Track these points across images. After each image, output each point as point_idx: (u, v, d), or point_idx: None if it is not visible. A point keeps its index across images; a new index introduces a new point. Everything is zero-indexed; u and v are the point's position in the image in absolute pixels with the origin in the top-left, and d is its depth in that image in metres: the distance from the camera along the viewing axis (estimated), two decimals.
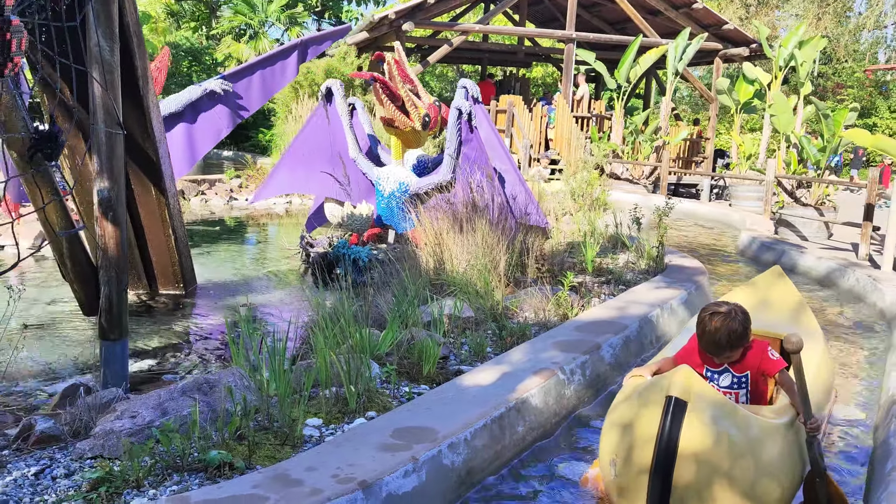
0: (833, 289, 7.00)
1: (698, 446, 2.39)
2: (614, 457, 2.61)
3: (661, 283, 5.84)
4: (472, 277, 4.84)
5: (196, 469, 2.54)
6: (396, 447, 2.67)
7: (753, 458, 2.46)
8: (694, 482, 2.38)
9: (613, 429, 2.68)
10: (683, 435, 2.37)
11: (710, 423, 2.41)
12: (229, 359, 4.81)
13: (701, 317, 2.84)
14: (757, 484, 2.45)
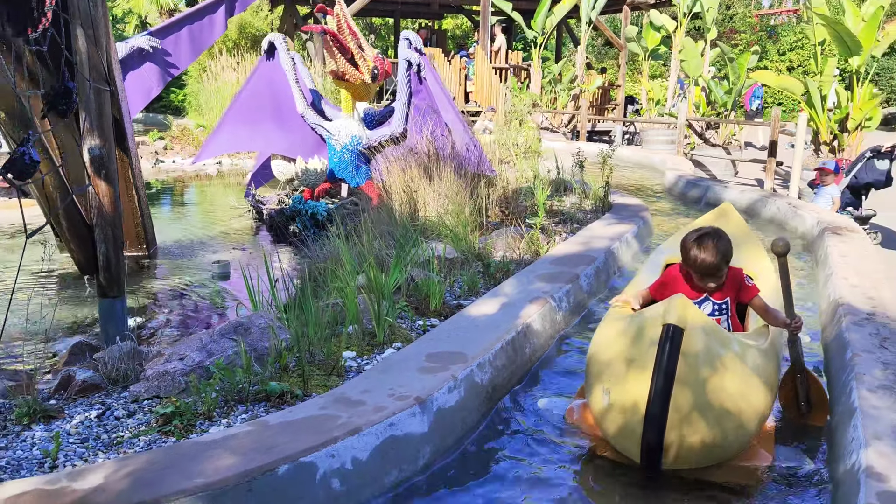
0: (756, 218, 7.66)
1: (694, 372, 2.42)
2: (607, 386, 2.62)
3: (612, 219, 6.28)
4: (448, 222, 5.10)
5: (258, 399, 2.74)
6: (434, 369, 2.94)
7: (743, 381, 2.53)
8: (690, 407, 2.42)
9: (604, 359, 2.70)
10: (681, 361, 2.39)
11: (705, 349, 2.45)
12: (210, 313, 4.93)
13: (687, 245, 2.90)
14: (744, 404, 2.52)
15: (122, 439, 2.51)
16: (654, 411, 2.40)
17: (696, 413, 2.42)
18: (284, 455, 2.23)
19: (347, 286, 3.43)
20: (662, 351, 2.39)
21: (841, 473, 2.52)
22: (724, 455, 2.58)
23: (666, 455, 2.47)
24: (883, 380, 2.92)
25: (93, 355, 3.59)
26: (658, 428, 2.41)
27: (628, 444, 2.56)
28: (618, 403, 2.55)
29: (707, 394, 2.43)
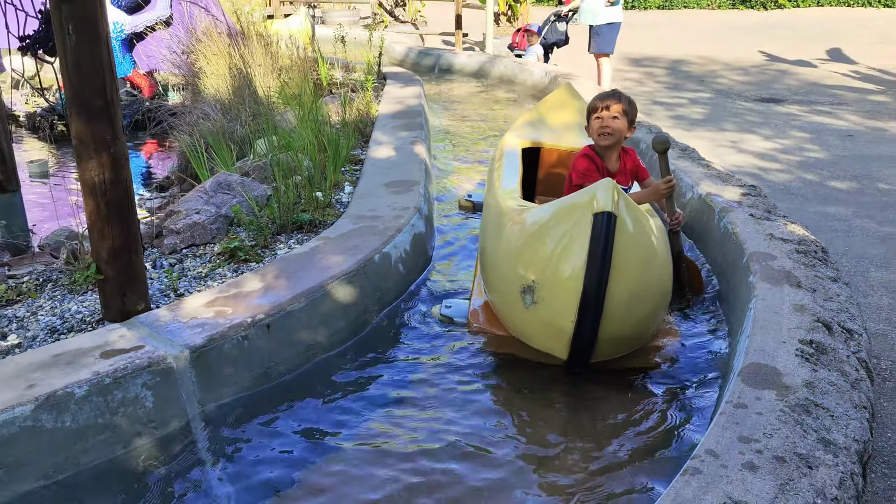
0: (488, 77, 9.19)
1: (628, 259, 2.31)
2: (530, 284, 2.44)
3: (398, 83, 7.24)
4: (286, 94, 5.59)
5: (293, 229, 3.32)
6: (400, 191, 3.74)
7: (662, 261, 2.51)
8: (625, 297, 2.31)
9: (518, 255, 2.53)
10: (616, 249, 2.26)
11: (636, 234, 2.36)
12: None
13: (594, 105, 2.97)
14: (665, 284, 2.53)
15: (207, 273, 2.96)
16: (590, 305, 2.28)
17: (630, 302, 2.34)
18: (370, 251, 2.97)
19: (289, 147, 3.96)
20: (596, 241, 2.24)
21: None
22: (647, 339, 2.59)
23: (598, 348, 2.40)
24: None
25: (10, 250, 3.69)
26: (593, 323, 2.31)
27: (555, 343, 2.45)
28: (546, 301, 2.39)
29: (639, 280, 2.35)
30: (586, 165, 2.99)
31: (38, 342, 2.41)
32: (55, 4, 2.08)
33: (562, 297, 2.35)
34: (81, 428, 1.98)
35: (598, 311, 2.30)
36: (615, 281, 2.28)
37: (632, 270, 2.33)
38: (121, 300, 2.39)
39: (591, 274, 2.26)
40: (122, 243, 2.34)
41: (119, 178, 2.27)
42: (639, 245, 2.38)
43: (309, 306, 2.56)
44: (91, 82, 2.15)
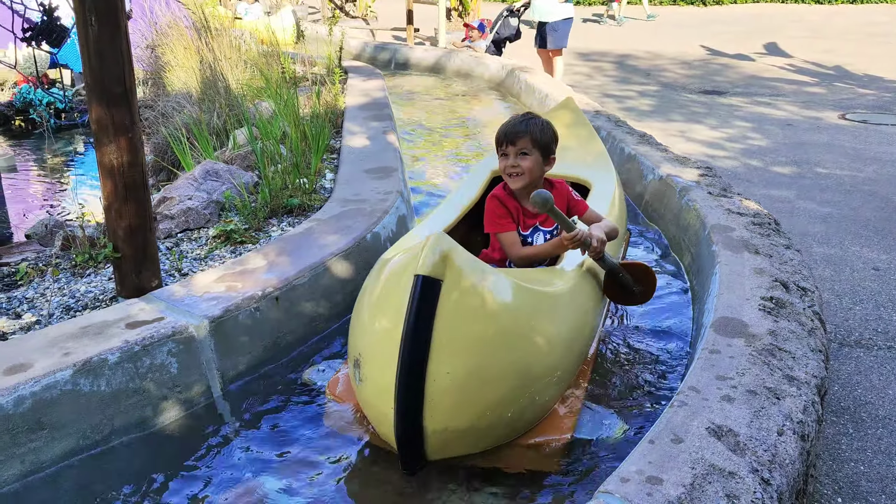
0: (444, 72, 9.40)
1: (459, 335, 1.84)
2: (358, 355, 2.03)
3: (360, 77, 7.40)
4: (256, 86, 5.70)
5: (283, 213, 3.47)
6: (381, 177, 3.93)
7: (533, 338, 2.03)
8: (456, 381, 1.84)
9: (358, 319, 2.10)
10: (438, 323, 1.80)
11: (474, 305, 1.87)
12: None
13: (498, 138, 2.53)
14: (537, 368, 2.03)
15: (206, 255, 3.10)
16: (403, 389, 1.82)
17: (464, 388, 1.86)
18: (362, 230, 3.15)
19: (268, 136, 4.11)
20: (410, 311, 1.80)
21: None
22: (510, 434, 2.06)
23: (428, 443, 1.90)
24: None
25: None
26: (409, 410, 1.84)
27: (383, 430, 1.97)
28: (369, 378, 1.97)
29: (477, 361, 1.87)
30: (497, 210, 2.51)
31: (55, 319, 2.52)
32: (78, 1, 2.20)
33: (380, 377, 1.89)
34: (115, 392, 2.12)
35: (418, 396, 1.82)
36: (438, 360, 1.81)
37: (464, 348, 1.84)
38: (136, 277, 2.52)
39: (406, 350, 1.80)
40: (138, 222, 2.47)
41: (136, 160, 2.40)
42: (477, 317, 1.87)
43: (311, 280, 2.73)
44: (112, 70, 2.28)
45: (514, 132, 2.45)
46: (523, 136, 2.44)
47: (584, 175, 3.40)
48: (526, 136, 2.44)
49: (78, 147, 7.01)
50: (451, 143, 5.98)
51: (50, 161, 6.62)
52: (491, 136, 3.19)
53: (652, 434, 1.72)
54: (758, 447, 1.69)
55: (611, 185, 3.32)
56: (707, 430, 1.73)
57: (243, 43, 7.06)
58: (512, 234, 2.51)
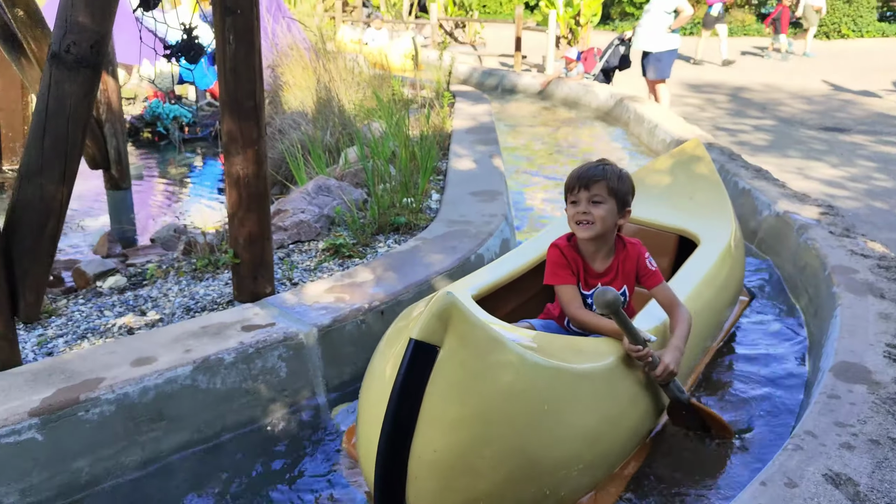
0: (551, 98, 9.41)
1: (451, 409, 1.62)
2: (358, 416, 1.90)
3: (467, 101, 7.51)
4: (366, 107, 5.89)
5: (390, 230, 3.56)
6: (486, 199, 3.97)
7: (546, 421, 1.76)
8: (443, 458, 1.63)
9: (366, 373, 1.91)
10: (429, 394, 1.61)
11: (472, 378, 1.64)
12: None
13: (568, 183, 2.28)
14: (549, 454, 1.78)
15: (315, 266, 3.21)
16: (383, 461, 1.66)
17: (453, 470, 1.65)
18: (466, 251, 3.19)
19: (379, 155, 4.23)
20: (399, 377, 1.62)
21: None
22: None
23: None
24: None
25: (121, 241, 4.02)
26: (390, 484, 1.67)
27: (373, 497, 1.75)
28: (361, 440, 1.83)
29: (473, 444, 1.65)
30: (558, 261, 2.29)
31: (176, 318, 2.68)
32: (219, 17, 2.36)
33: (368, 443, 1.72)
34: (229, 390, 2.22)
35: (400, 472, 1.64)
36: (425, 435, 1.61)
37: (457, 426, 1.62)
38: (252, 283, 2.65)
39: (389, 418, 1.62)
40: (258, 231, 2.60)
41: (260, 172, 2.54)
42: (474, 392, 1.63)
43: (416, 297, 2.78)
44: (245, 86, 2.42)
45: (589, 176, 2.22)
46: (599, 181, 2.20)
47: (694, 228, 3.00)
48: (602, 181, 2.20)
49: (197, 160, 7.44)
50: (555, 170, 5.97)
51: (172, 171, 7.06)
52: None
53: (764, 476, 1.65)
54: (880, 499, 1.58)
55: (724, 242, 2.88)
56: (824, 477, 1.64)
57: (357, 66, 7.33)
58: (570, 289, 2.28)
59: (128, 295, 2.96)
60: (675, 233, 2.94)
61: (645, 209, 3.09)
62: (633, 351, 2.03)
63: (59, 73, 2.07)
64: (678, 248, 3.04)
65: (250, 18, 2.38)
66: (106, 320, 2.67)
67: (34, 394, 1.96)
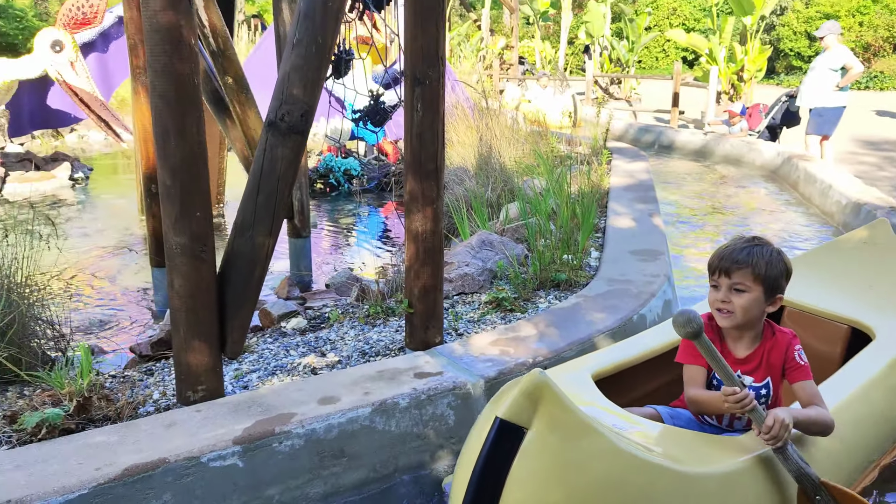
0: (712, 157, 9.16)
1: (534, 497, 1.54)
2: (451, 493, 1.80)
3: (624, 158, 7.49)
4: (525, 164, 6.06)
5: (550, 286, 3.64)
6: (646, 259, 3.95)
7: None
8: None
9: (461, 453, 1.82)
10: (511, 479, 1.54)
11: (561, 467, 1.55)
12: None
13: (709, 264, 2.12)
14: None
15: (478, 318, 3.33)
16: None
17: None
18: (628, 311, 3.19)
19: (539, 212, 4.34)
20: (481, 456, 1.57)
21: None
22: None
23: None
24: None
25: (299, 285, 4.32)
26: None
27: None
28: None
29: None
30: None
31: (353, 360, 2.88)
32: (409, 87, 2.58)
33: None
34: (402, 433, 2.36)
35: None
36: None
37: None
38: (424, 332, 2.80)
39: (468, 500, 1.57)
40: (432, 283, 2.76)
41: (436, 229, 2.71)
42: (561, 483, 1.53)
43: (578, 354, 2.81)
44: (428, 149, 2.62)
45: (732, 260, 2.01)
46: (742, 267, 2.00)
47: (870, 320, 2.70)
48: (746, 267, 2.00)
49: (363, 210, 7.92)
50: (716, 231, 5.80)
51: (341, 220, 7.55)
52: (761, 226, 2.96)
53: None
54: None
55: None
56: None
57: (517, 123, 7.56)
58: (696, 370, 2.10)
59: (309, 336, 3.22)
60: (847, 324, 2.71)
61: (815, 294, 2.90)
62: (730, 394, 1.84)
63: (274, 138, 2.35)
64: (849, 342, 2.76)
65: (437, 88, 2.58)
66: (291, 359, 2.92)
67: (236, 423, 2.19)
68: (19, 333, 3.00)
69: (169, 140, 2.16)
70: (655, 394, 2.51)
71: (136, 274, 5.14)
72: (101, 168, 10.19)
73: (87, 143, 12.74)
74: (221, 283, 2.39)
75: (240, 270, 2.39)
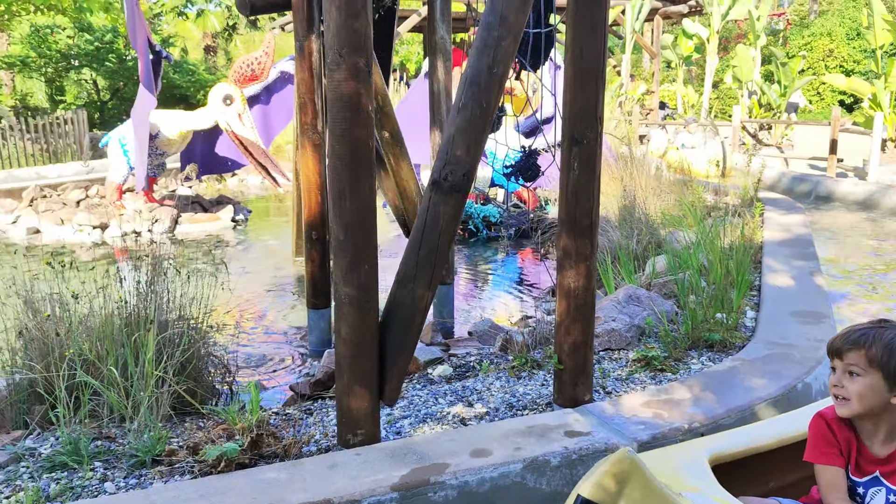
0: (877, 208, 8.52)
1: None
2: None
3: (778, 209, 7.14)
4: (672, 215, 5.91)
5: (703, 347, 3.52)
6: (807, 321, 3.73)
7: None
8: None
9: None
10: None
11: None
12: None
13: (828, 347, 1.92)
14: None
15: (626, 377, 3.27)
16: None
17: None
18: (792, 378, 3.01)
19: (689, 266, 4.22)
20: None
21: None
22: None
23: None
24: None
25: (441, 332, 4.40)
26: None
27: None
28: None
29: None
30: (823, 435, 1.90)
31: (500, 413, 2.91)
32: (567, 147, 2.63)
33: None
34: (552, 492, 2.35)
35: None
36: None
37: None
38: (573, 389, 2.79)
39: None
40: (582, 339, 2.75)
41: (589, 286, 2.71)
42: None
43: (738, 423, 2.68)
44: (583, 206, 2.64)
45: (845, 341, 1.84)
46: (853, 348, 1.81)
47: None
48: (859, 350, 1.80)
49: (500, 256, 8.01)
50: (886, 293, 5.37)
51: (480, 266, 7.67)
52: None
53: None
54: None
55: None
56: None
57: (660, 171, 7.42)
58: (832, 472, 1.87)
59: (455, 385, 3.28)
60: None
61: None
62: None
63: (437, 196, 2.46)
64: None
65: (594, 148, 2.61)
66: (440, 407, 2.99)
67: (393, 469, 2.27)
68: (197, 368, 3.27)
69: (344, 199, 2.32)
70: (790, 489, 2.24)
71: (289, 313, 5.46)
72: (257, 210, 10.97)
73: (245, 186, 13.79)
74: (383, 331, 2.50)
75: (400, 320, 2.50)
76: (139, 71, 7.71)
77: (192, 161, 10.24)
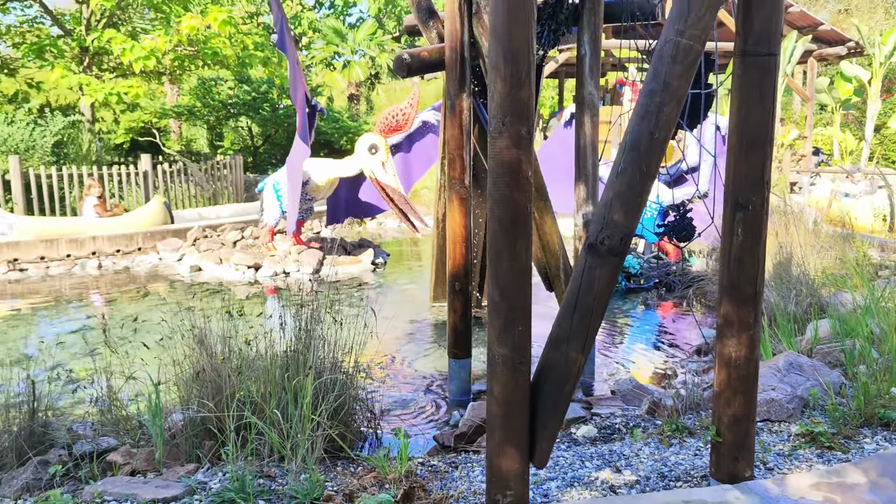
0: None
1: None
2: None
3: None
4: (837, 275, 5.53)
5: (876, 425, 3.24)
6: None
7: None
8: None
9: None
10: None
11: None
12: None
13: None
14: None
15: (789, 452, 3.06)
16: None
17: None
18: None
19: (857, 334, 3.91)
20: None
21: None
22: None
23: None
24: None
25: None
26: None
27: None
28: None
29: None
30: None
31: (651, 482, 2.80)
32: (730, 213, 2.55)
33: None
34: None
35: None
36: None
37: None
38: (732, 463, 2.64)
39: None
40: (743, 412, 2.61)
41: (752, 357, 2.58)
42: None
43: None
44: (747, 273, 2.53)
45: None
46: None
47: None
48: None
49: (639, 309, 7.78)
50: None
51: (618, 319, 7.48)
52: None
53: None
54: None
55: None
56: None
57: (816, 225, 6.97)
58: None
59: (601, 448, 3.20)
60: None
61: None
62: None
63: (593, 260, 2.45)
64: None
65: (760, 213, 2.51)
66: (587, 471, 2.93)
67: None
68: (348, 412, 3.40)
69: (502, 261, 2.36)
70: None
71: (427, 359, 5.55)
72: (393, 253, 11.32)
73: (383, 230, 14.32)
74: (534, 393, 2.50)
75: (552, 383, 2.48)
76: (297, 122, 8.26)
77: (337, 205, 10.78)
